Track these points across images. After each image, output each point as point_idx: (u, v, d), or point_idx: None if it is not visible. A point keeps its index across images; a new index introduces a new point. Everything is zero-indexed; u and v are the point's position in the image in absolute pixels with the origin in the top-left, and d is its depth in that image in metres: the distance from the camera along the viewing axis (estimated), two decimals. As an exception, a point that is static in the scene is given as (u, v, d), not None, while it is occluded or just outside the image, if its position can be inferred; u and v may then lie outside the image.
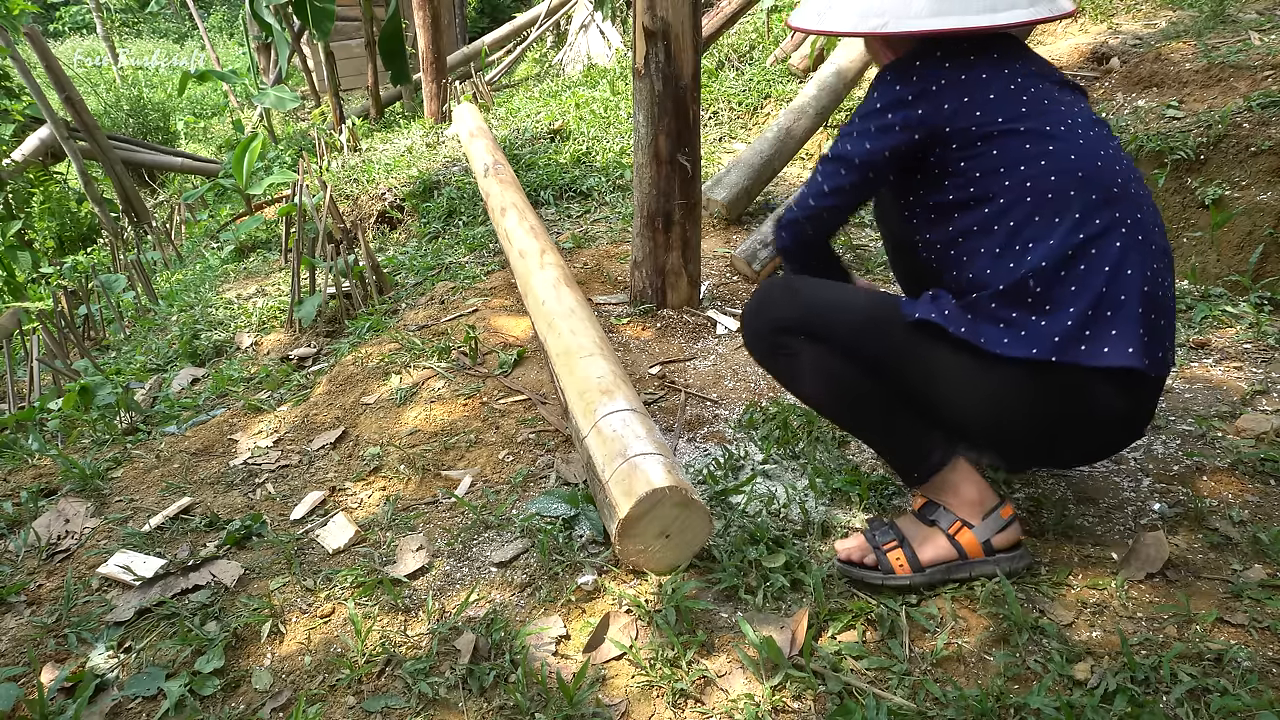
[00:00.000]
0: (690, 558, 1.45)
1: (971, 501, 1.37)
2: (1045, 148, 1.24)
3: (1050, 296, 1.21)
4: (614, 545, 1.43)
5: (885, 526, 1.43)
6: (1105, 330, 1.20)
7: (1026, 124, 1.25)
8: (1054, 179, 1.23)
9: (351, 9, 8.58)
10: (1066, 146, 1.24)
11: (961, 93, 1.26)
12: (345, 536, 1.67)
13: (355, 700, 1.27)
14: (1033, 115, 1.26)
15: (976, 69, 1.28)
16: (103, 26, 12.96)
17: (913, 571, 1.37)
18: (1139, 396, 1.25)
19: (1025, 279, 1.21)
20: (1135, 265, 1.21)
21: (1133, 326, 1.19)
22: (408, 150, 5.33)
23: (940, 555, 1.37)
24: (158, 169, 8.36)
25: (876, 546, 1.40)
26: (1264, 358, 2.07)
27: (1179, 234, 2.69)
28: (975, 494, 1.37)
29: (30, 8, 5.92)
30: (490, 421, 2.02)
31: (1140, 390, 1.24)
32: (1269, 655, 1.18)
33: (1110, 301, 1.20)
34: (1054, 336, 1.20)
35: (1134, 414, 1.27)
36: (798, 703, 1.19)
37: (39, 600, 1.58)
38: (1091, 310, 1.20)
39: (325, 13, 6.44)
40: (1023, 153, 1.24)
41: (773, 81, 4.91)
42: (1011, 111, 1.25)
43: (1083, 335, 1.20)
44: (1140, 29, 3.69)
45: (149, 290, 4.27)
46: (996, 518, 1.36)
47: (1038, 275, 1.21)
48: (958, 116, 1.26)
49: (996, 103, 1.26)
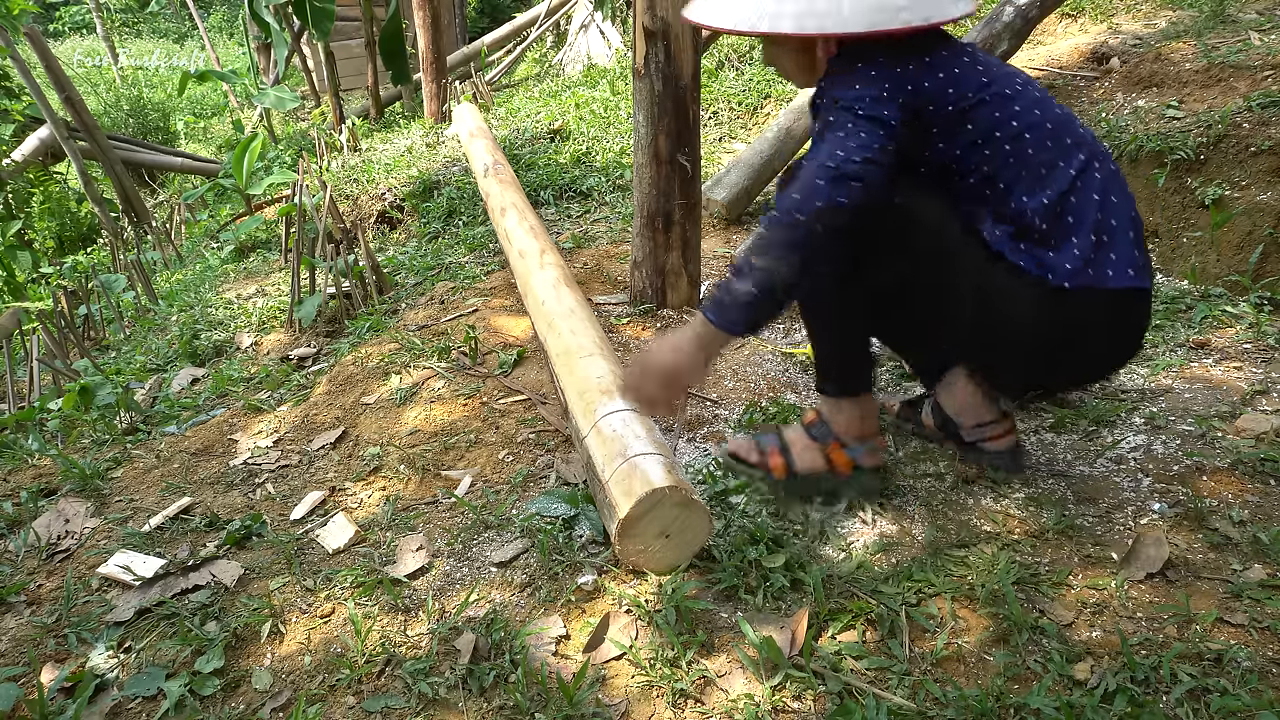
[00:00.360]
0: (690, 558, 1.45)
1: (856, 429, 1.56)
2: (1013, 109, 1.32)
3: (1055, 230, 1.30)
4: (614, 545, 1.43)
5: (773, 434, 1.63)
6: (1106, 255, 1.30)
7: (990, 91, 1.33)
8: (1029, 136, 1.32)
9: (351, 9, 8.58)
10: (1028, 104, 1.34)
11: (934, 71, 1.32)
12: (345, 536, 1.67)
13: (355, 700, 1.27)
14: (993, 82, 1.34)
15: (935, 50, 1.34)
16: (103, 26, 12.96)
17: (787, 476, 1.58)
18: (1141, 312, 1.36)
19: (1030, 221, 1.31)
20: (1116, 193, 1.33)
21: (1128, 249, 1.31)
22: (408, 150, 5.33)
23: (813, 466, 1.57)
24: (158, 169, 8.36)
25: (762, 450, 1.60)
26: (1264, 358, 2.07)
27: (1179, 234, 2.69)
28: (861, 426, 1.56)
29: (30, 8, 5.91)
30: (490, 421, 2.02)
31: (1142, 306, 1.35)
32: (1269, 655, 1.18)
33: (1105, 228, 1.31)
34: (1065, 264, 1.29)
35: (1135, 330, 1.38)
36: (798, 703, 1.19)
37: (39, 600, 1.58)
38: (1094, 237, 1.30)
39: (325, 13, 6.44)
40: (994, 120, 1.32)
41: (773, 81, 4.91)
42: (975, 81, 1.33)
43: (1091, 261, 1.29)
44: (1140, 29, 3.69)
45: (149, 290, 4.27)
46: (872, 445, 1.57)
47: (1041, 214, 1.30)
48: (936, 96, 1.31)
49: (963, 75, 1.32)
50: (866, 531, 1.55)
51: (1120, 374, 2.07)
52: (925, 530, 1.53)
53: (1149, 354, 2.17)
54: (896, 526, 1.55)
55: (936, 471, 1.72)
